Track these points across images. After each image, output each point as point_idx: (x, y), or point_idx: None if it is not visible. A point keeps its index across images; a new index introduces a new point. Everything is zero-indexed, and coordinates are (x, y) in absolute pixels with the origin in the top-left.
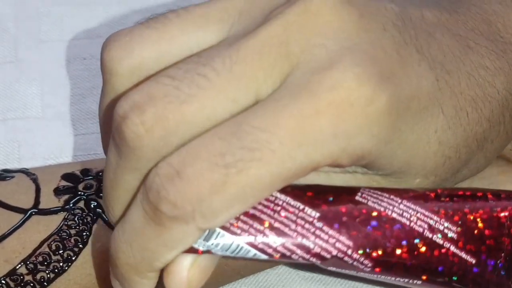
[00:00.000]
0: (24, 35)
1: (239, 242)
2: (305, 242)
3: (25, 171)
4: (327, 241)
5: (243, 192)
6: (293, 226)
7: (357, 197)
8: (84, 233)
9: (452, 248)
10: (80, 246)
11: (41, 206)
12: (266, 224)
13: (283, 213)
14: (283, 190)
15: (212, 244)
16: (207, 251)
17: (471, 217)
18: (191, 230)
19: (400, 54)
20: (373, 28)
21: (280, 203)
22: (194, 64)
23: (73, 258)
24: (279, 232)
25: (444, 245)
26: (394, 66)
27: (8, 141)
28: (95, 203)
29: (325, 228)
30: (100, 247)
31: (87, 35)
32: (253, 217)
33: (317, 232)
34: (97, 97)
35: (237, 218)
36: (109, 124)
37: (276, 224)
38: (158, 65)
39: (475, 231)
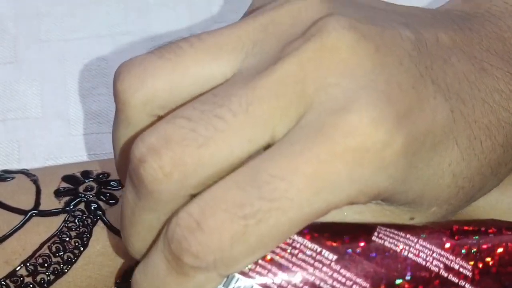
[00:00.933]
0: (24, 35)
1: (258, 287)
2: (323, 285)
3: (25, 172)
4: (344, 284)
5: (262, 240)
6: (310, 269)
7: (373, 237)
8: (85, 235)
9: (467, 285)
10: (80, 248)
11: (41, 208)
12: (284, 268)
13: (300, 256)
14: (300, 232)
15: None
16: None
17: (486, 254)
18: (212, 277)
19: (416, 89)
20: (389, 62)
21: (298, 246)
22: (210, 104)
23: (73, 260)
24: (297, 276)
25: (460, 283)
26: (410, 103)
27: (8, 141)
28: (96, 205)
29: (343, 271)
30: (100, 249)
31: (87, 35)
32: (271, 261)
33: (335, 275)
34: (97, 97)
35: (256, 263)
36: (125, 158)
37: (294, 268)
38: (171, 97)
39: (490, 268)
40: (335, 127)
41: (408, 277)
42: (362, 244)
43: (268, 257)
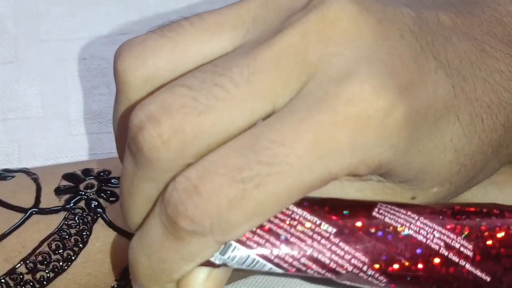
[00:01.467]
0: (24, 35)
1: (255, 256)
2: (320, 257)
3: (26, 171)
4: (342, 257)
5: (260, 206)
6: (309, 241)
7: (374, 213)
8: (84, 233)
9: (468, 266)
10: (80, 245)
11: (41, 206)
12: (282, 239)
13: (299, 228)
14: (300, 204)
15: (228, 258)
16: (223, 265)
17: (488, 235)
18: (209, 243)
19: (417, 62)
20: (390, 35)
21: (297, 217)
22: (210, 73)
23: (73, 258)
24: (295, 247)
25: (460, 262)
26: (412, 76)
27: (8, 141)
28: (96, 203)
29: (341, 244)
30: (100, 246)
31: (87, 35)
32: (269, 231)
33: (333, 248)
34: (97, 97)
35: (253, 232)
36: (124, 131)
37: (292, 239)
38: (172, 75)
39: (491, 250)
40: (336, 96)
41: (407, 254)
42: (362, 219)
43: (267, 227)
